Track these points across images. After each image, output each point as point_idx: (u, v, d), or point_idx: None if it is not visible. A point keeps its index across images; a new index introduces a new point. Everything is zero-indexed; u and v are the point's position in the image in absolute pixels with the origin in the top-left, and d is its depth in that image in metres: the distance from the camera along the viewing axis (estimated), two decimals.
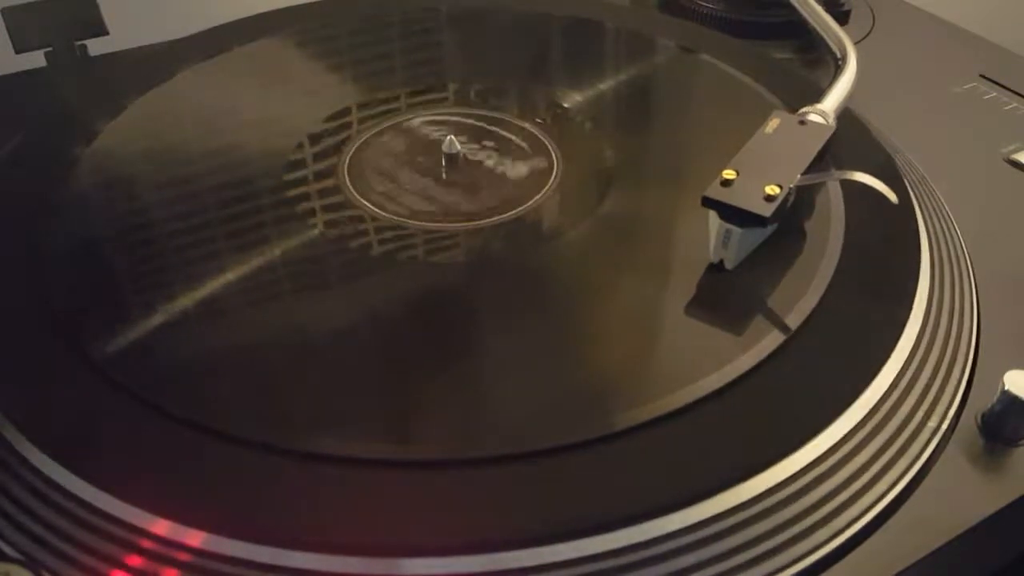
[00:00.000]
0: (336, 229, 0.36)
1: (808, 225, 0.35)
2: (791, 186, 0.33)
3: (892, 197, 0.31)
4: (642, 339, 0.32)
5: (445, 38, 0.50)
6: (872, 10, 0.56)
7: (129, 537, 0.25)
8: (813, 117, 0.37)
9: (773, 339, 0.30)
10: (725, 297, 0.32)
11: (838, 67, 0.42)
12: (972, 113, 0.46)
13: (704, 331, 0.31)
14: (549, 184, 0.38)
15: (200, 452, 0.27)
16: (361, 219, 0.36)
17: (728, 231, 0.32)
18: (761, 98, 0.42)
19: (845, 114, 0.40)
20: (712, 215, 0.33)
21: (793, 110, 0.38)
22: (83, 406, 0.28)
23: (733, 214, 0.32)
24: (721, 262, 0.33)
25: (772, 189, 0.32)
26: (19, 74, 0.47)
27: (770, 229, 0.33)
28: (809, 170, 0.34)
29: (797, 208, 0.35)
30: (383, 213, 0.36)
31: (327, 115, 0.42)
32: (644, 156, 0.41)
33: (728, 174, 0.33)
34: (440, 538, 0.25)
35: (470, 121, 0.42)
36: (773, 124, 0.36)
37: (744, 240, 0.32)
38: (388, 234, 0.35)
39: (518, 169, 0.39)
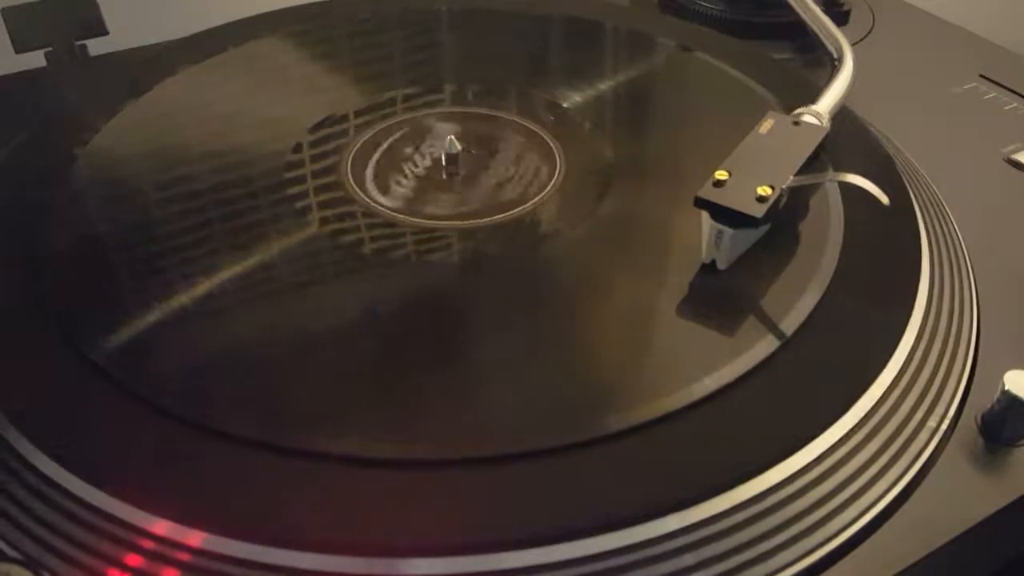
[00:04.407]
0: (335, 229, 0.36)
1: (809, 225, 0.35)
2: (783, 187, 0.33)
3: (884, 199, 0.31)
4: (644, 339, 0.32)
5: (444, 38, 0.50)
6: (872, 10, 0.56)
7: (129, 537, 0.25)
8: (807, 118, 0.37)
9: (774, 339, 0.30)
10: (729, 298, 0.32)
11: (834, 68, 0.42)
12: (972, 113, 0.46)
13: (705, 331, 0.31)
14: (549, 185, 0.38)
15: (200, 452, 0.27)
16: (360, 219, 0.36)
17: (720, 231, 0.32)
18: (760, 98, 0.42)
19: (845, 114, 0.40)
20: (705, 215, 0.33)
21: (790, 110, 0.38)
22: (83, 406, 0.28)
23: (725, 215, 0.32)
24: (713, 262, 0.33)
25: (764, 190, 0.32)
26: (19, 74, 0.47)
27: (762, 230, 0.33)
28: (803, 171, 0.34)
29: (797, 209, 0.35)
30: (383, 212, 0.36)
31: (326, 115, 0.42)
32: (643, 156, 0.41)
33: (721, 175, 0.33)
34: (440, 538, 0.25)
35: (470, 121, 0.42)
36: (767, 125, 0.36)
37: (736, 241, 0.32)
38: (388, 233, 0.35)
39: (518, 169, 0.39)
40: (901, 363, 0.30)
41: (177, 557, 0.24)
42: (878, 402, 0.29)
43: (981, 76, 0.49)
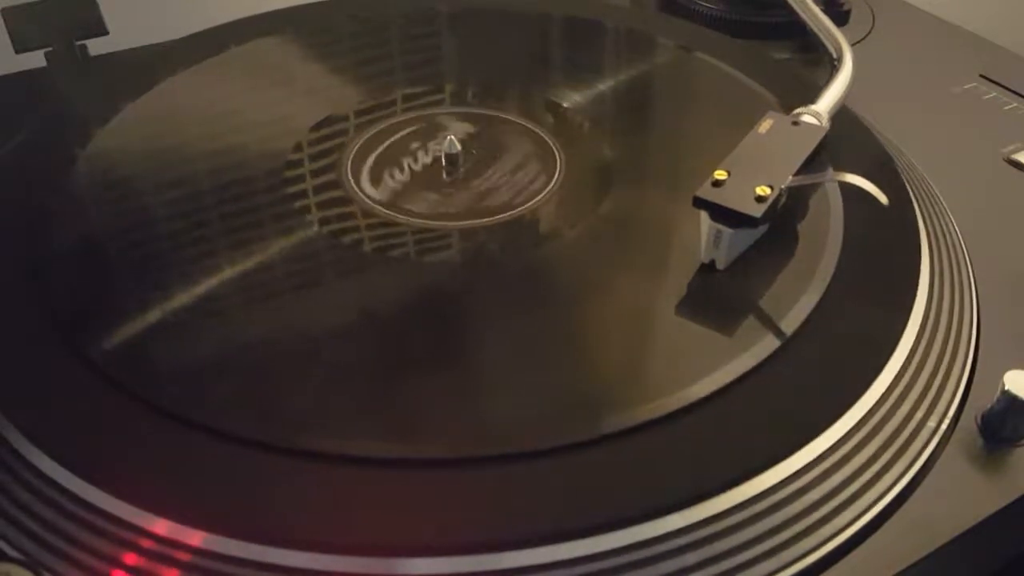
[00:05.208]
0: (335, 229, 0.36)
1: (808, 226, 0.35)
2: (782, 187, 0.33)
3: (883, 199, 0.31)
4: (643, 339, 0.32)
5: (444, 38, 0.50)
6: (872, 10, 0.56)
7: (129, 537, 0.25)
8: (806, 118, 0.37)
9: (774, 338, 0.30)
10: (730, 298, 0.32)
11: (834, 68, 0.42)
12: (972, 113, 0.46)
13: (705, 332, 0.31)
14: (549, 185, 0.38)
15: (200, 452, 0.27)
16: (360, 219, 0.36)
17: (719, 231, 0.32)
18: (760, 98, 0.42)
19: (845, 114, 0.40)
20: (704, 215, 0.33)
21: (789, 110, 0.38)
22: (83, 406, 0.28)
23: (724, 214, 0.32)
24: (712, 262, 0.33)
25: (763, 190, 0.32)
26: (19, 74, 0.47)
27: (761, 229, 0.33)
28: (802, 171, 0.34)
29: (797, 209, 0.35)
30: (383, 212, 0.36)
31: (326, 115, 0.42)
32: (643, 156, 0.41)
33: (720, 174, 0.33)
34: (440, 538, 0.25)
35: (469, 121, 0.42)
36: (766, 125, 0.36)
37: (735, 240, 0.32)
38: (387, 234, 0.35)
39: (517, 169, 0.39)
40: (901, 363, 0.30)
41: (177, 557, 0.24)
42: (878, 402, 0.29)
43: (981, 76, 0.49)
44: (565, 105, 0.43)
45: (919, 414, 0.30)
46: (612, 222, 0.36)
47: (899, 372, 0.30)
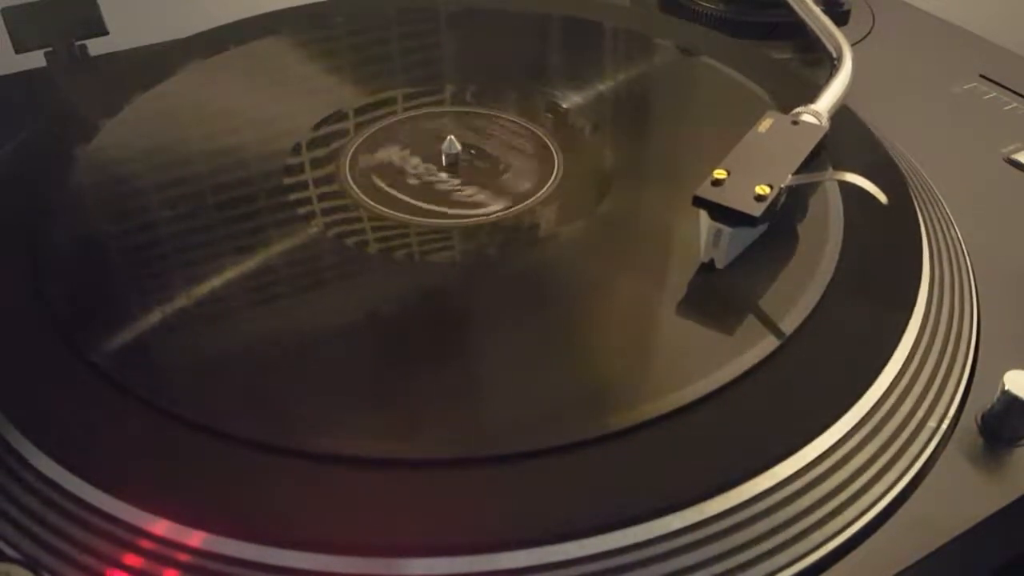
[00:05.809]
0: (335, 228, 0.36)
1: (808, 225, 0.35)
2: (782, 186, 0.33)
3: (882, 198, 0.31)
4: (643, 339, 0.32)
5: (444, 38, 0.50)
6: (872, 10, 0.56)
7: (129, 537, 0.25)
8: (806, 117, 0.37)
9: (774, 338, 0.30)
10: (728, 297, 0.32)
11: (834, 67, 0.42)
12: (972, 113, 0.46)
13: (704, 331, 0.31)
14: (548, 184, 0.38)
15: (200, 452, 0.27)
16: (360, 218, 0.36)
17: (718, 231, 0.32)
18: (760, 98, 0.42)
19: (845, 114, 0.40)
20: (703, 214, 0.33)
21: (789, 110, 0.38)
22: (83, 406, 0.28)
23: (723, 214, 0.32)
24: (712, 261, 0.33)
25: (763, 189, 0.32)
26: (19, 74, 0.47)
27: (761, 229, 0.33)
28: (802, 170, 0.34)
29: (797, 208, 0.35)
30: (382, 211, 0.36)
31: (327, 115, 0.42)
32: (643, 156, 0.41)
33: (719, 174, 0.33)
34: (440, 538, 0.25)
35: (470, 121, 0.42)
36: (766, 124, 0.36)
37: (734, 240, 0.32)
38: (387, 233, 0.35)
39: (517, 169, 0.39)
40: (901, 363, 0.30)
41: (177, 557, 0.24)
42: (878, 402, 0.29)
43: (981, 76, 0.49)
44: (565, 105, 0.43)
45: (919, 414, 0.30)
46: (612, 221, 0.36)
47: (899, 372, 0.30)
